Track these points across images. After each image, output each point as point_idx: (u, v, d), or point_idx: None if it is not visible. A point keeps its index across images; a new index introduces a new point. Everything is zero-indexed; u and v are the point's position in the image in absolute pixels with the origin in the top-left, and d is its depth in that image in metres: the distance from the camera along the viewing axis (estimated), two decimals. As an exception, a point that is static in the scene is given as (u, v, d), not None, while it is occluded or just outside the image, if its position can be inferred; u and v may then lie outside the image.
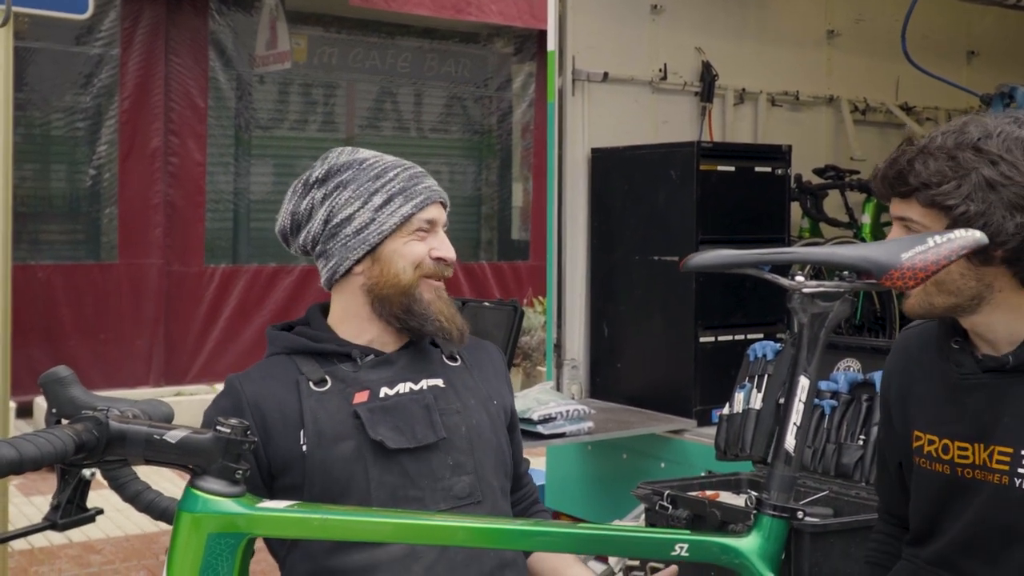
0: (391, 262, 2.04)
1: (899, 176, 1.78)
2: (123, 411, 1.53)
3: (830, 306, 1.52)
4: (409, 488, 1.97)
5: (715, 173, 4.61)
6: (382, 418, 1.97)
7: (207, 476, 1.50)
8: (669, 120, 5.24)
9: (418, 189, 2.07)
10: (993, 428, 1.78)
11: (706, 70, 5.29)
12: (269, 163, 9.70)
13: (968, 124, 1.78)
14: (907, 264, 1.51)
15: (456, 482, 2.00)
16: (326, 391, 2.00)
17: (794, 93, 5.70)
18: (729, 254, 1.55)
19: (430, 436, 1.99)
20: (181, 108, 8.93)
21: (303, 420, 1.97)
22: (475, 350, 2.19)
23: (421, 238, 2.06)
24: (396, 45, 10.25)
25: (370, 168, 2.08)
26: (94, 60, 8.63)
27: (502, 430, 2.12)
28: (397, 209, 2.04)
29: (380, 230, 2.04)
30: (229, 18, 9.25)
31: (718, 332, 4.57)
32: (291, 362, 2.04)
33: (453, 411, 2.04)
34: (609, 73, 4.94)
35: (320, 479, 1.95)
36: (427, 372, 2.07)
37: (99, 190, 8.78)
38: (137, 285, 8.74)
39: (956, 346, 1.85)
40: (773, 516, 1.51)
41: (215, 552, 1.47)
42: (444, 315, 2.05)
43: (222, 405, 2.01)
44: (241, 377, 2.05)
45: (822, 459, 2.93)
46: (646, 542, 1.53)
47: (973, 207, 1.70)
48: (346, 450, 1.96)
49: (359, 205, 2.05)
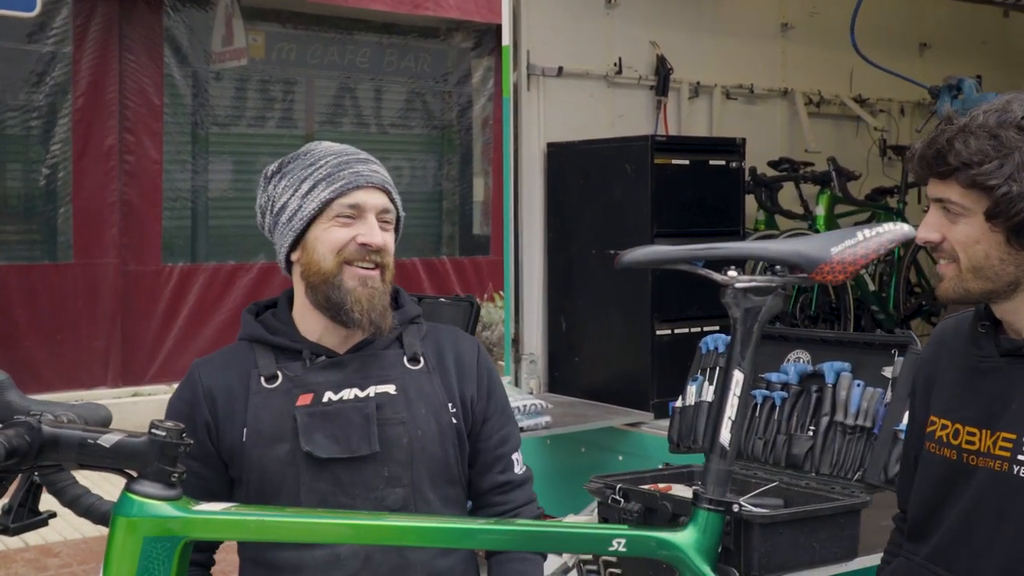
0: (315, 249, 2.03)
1: (938, 155, 1.73)
2: (57, 415, 1.52)
3: (763, 300, 1.53)
4: (340, 496, 1.96)
5: (670, 167, 4.62)
6: (320, 425, 1.97)
7: (143, 480, 1.48)
8: (625, 114, 5.25)
9: (342, 175, 2.04)
10: (1001, 414, 1.77)
11: (661, 64, 5.31)
12: (227, 160, 9.62)
13: (1012, 102, 1.74)
14: (837, 258, 1.52)
15: (389, 494, 1.99)
16: (274, 388, 2.00)
17: (748, 86, 5.73)
18: (662, 250, 1.55)
19: (364, 448, 1.98)
20: (136, 106, 8.83)
21: (246, 416, 1.98)
22: (444, 348, 2.13)
23: (344, 224, 2.03)
24: (355, 40, 10.20)
25: (308, 157, 2.08)
26: (46, 58, 8.52)
27: (452, 440, 2.07)
28: (318, 195, 2.03)
29: (302, 216, 2.03)
30: (184, 15, 9.15)
31: (674, 325, 4.59)
32: (251, 351, 2.05)
33: (397, 421, 2.01)
34: (564, 67, 4.94)
35: (256, 477, 1.97)
36: (380, 377, 2.04)
37: (54, 189, 8.67)
38: (93, 285, 8.64)
39: (983, 331, 1.83)
40: (709, 510, 1.51)
41: (151, 556, 1.46)
42: (360, 304, 2.01)
43: (182, 394, 2.05)
44: (202, 364, 2.08)
45: (772, 450, 2.94)
46: (584, 538, 1.54)
47: (1016, 187, 1.67)
48: (281, 452, 1.97)
49: (291, 193, 2.05)
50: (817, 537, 2.54)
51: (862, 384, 2.83)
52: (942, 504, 1.84)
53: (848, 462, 2.79)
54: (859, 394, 2.83)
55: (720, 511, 1.51)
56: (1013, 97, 1.76)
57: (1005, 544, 1.74)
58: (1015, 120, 1.71)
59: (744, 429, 2.95)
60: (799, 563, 2.52)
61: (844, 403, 2.84)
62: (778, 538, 2.47)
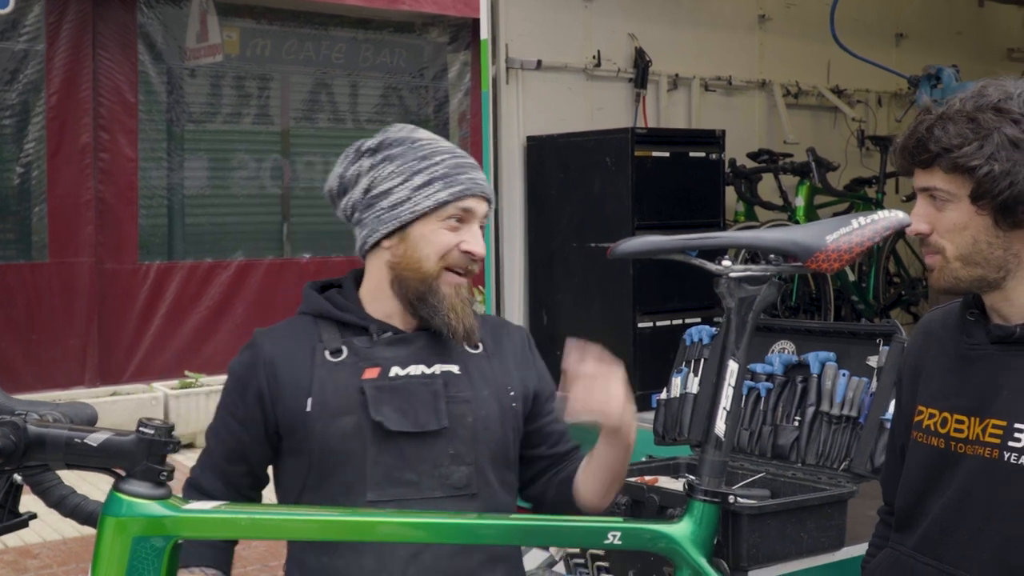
0: (417, 245, 2.02)
1: (919, 144, 1.75)
2: (43, 415, 1.50)
3: (757, 290, 1.52)
4: (405, 471, 1.97)
5: (650, 159, 4.63)
6: (387, 398, 1.98)
7: (131, 479, 1.46)
8: (604, 107, 5.25)
9: (460, 178, 2.04)
10: (991, 401, 1.77)
11: (639, 56, 5.31)
12: (203, 157, 9.55)
13: (987, 87, 1.75)
14: (832, 246, 1.51)
15: (454, 471, 2.00)
16: (339, 362, 2.01)
17: (727, 78, 5.74)
18: (655, 240, 1.54)
19: (432, 423, 1.99)
20: (111, 103, 8.76)
21: (311, 387, 1.98)
22: (500, 335, 2.16)
23: (452, 228, 2.03)
24: (330, 36, 10.15)
25: (420, 148, 2.07)
26: (19, 55, 8.43)
27: (511, 423, 2.09)
28: (434, 193, 2.02)
29: (413, 209, 2.02)
30: (158, 11, 9.08)
31: (656, 317, 4.59)
32: (315, 325, 2.07)
33: (462, 400, 2.03)
34: (543, 61, 4.94)
35: (319, 448, 1.98)
36: (443, 357, 2.05)
37: (28, 188, 8.59)
38: (69, 284, 8.57)
39: (971, 318, 1.83)
40: (705, 501, 1.51)
41: (140, 556, 1.44)
42: (456, 312, 2.02)
43: (243, 358, 2.07)
44: (266, 333, 2.09)
45: (759, 441, 2.94)
46: (579, 531, 1.53)
47: (998, 166, 1.68)
48: (347, 425, 1.97)
49: (400, 181, 2.04)
50: (804, 527, 2.55)
51: (847, 374, 2.84)
52: (930, 493, 1.84)
53: (834, 452, 2.79)
54: (844, 384, 2.83)
55: (716, 502, 1.50)
56: (987, 83, 1.78)
57: (995, 531, 1.74)
58: (991, 103, 1.72)
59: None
60: (787, 554, 2.52)
61: (829, 393, 2.84)
62: (766, 529, 2.47)
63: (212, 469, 2.08)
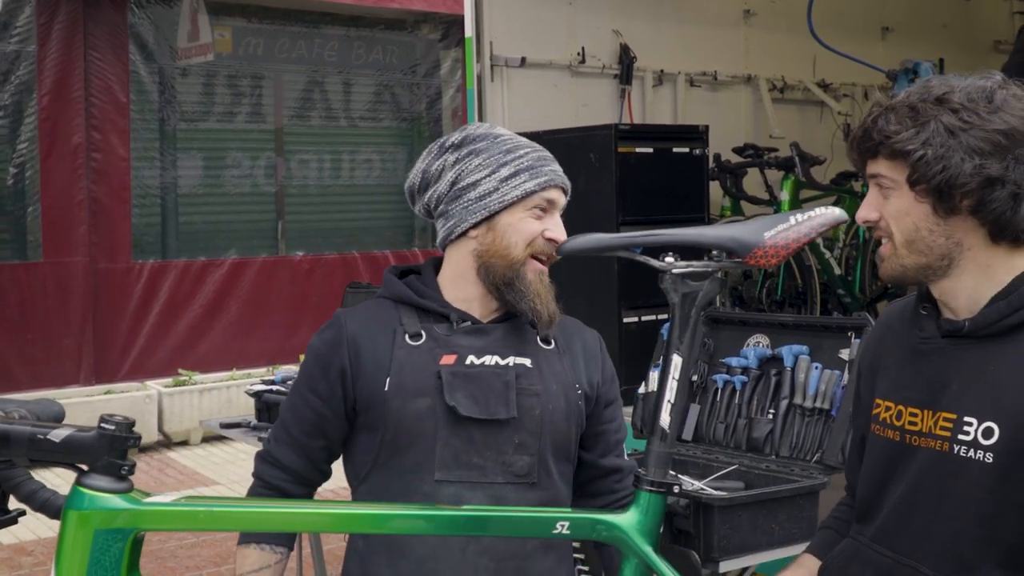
0: (505, 234, 2.12)
1: (865, 135, 1.80)
2: (8, 411, 1.53)
3: (700, 285, 1.56)
4: (472, 455, 2.05)
5: (633, 155, 4.65)
6: (462, 384, 2.06)
7: (93, 473, 1.50)
8: (589, 103, 5.27)
9: (544, 170, 2.15)
10: (942, 394, 1.79)
11: (624, 53, 5.33)
12: (196, 156, 9.58)
13: (931, 81, 1.80)
14: (770, 242, 1.54)
15: (517, 459, 2.07)
16: (418, 346, 2.09)
17: (712, 73, 5.76)
18: (601, 238, 1.58)
19: (502, 412, 2.06)
20: (102, 103, 8.79)
21: (391, 367, 2.07)
22: (572, 335, 2.24)
23: (537, 216, 2.13)
24: (322, 34, 10.17)
25: (503, 143, 2.17)
26: (10, 57, 8.47)
27: (575, 419, 2.16)
28: (521, 183, 2.12)
29: (502, 199, 2.11)
30: (149, 11, 9.11)
31: (641, 312, 4.62)
32: (395, 309, 2.16)
33: (532, 392, 2.11)
34: (527, 58, 4.97)
35: (393, 426, 2.06)
36: (517, 350, 2.13)
37: (21, 188, 8.62)
38: (63, 283, 8.60)
39: (924, 312, 1.86)
40: (650, 491, 1.54)
41: (102, 548, 1.48)
42: (541, 297, 2.11)
43: (326, 336, 2.15)
44: (347, 313, 2.17)
45: (734, 434, 2.98)
46: (529, 522, 1.56)
47: (931, 152, 1.71)
48: (422, 406, 2.05)
49: (487, 173, 2.13)
50: (776, 518, 2.58)
51: (820, 367, 2.87)
52: (887, 485, 1.87)
53: (807, 444, 2.83)
54: (817, 377, 2.86)
55: (662, 492, 1.53)
56: (934, 78, 1.83)
57: (945, 523, 1.77)
58: (934, 95, 1.77)
59: (690, 412, 2.99)
60: (758, 544, 2.56)
61: (803, 386, 2.88)
62: (737, 520, 2.51)
63: (290, 444, 2.15)
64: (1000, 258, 1.79)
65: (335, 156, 10.35)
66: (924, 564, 1.80)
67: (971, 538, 1.75)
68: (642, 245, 1.57)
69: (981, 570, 1.75)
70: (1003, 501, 1.72)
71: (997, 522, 1.73)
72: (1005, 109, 1.74)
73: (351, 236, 10.13)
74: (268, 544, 2.07)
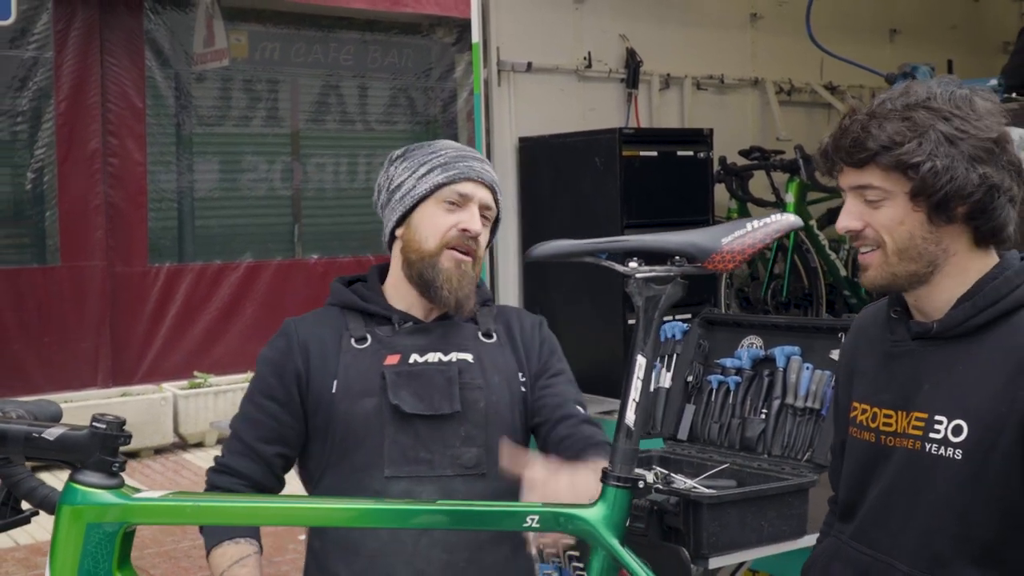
0: (419, 228, 2.21)
1: (856, 143, 1.79)
2: (6, 411, 1.60)
3: (662, 289, 1.61)
4: (420, 450, 2.12)
5: (638, 159, 4.69)
6: (406, 382, 2.13)
7: (85, 470, 1.57)
8: (596, 107, 5.31)
9: (458, 165, 2.22)
10: (914, 395, 1.83)
11: (631, 57, 5.37)
12: (212, 161, 9.68)
13: (911, 86, 1.81)
14: (727, 248, 1.60)
15: (465, 452, 2.14)
16: (363, 349, 2.17)
17: (719, 76, 5.79)
18: (566, 244, 1.64)
19: (446, 407, 2.13)
20: (119, 108, 8.90)
21: (337, 371, 2.14)
22: (512, 325, 2.31)
23: (450, 210, 2.20)
24: (338, 38, 10.25)
25: (430, 147, 2.28)
26: (28, 63, 8.59)
27: (520, 407, 2.23)
28: (432, 178, 2.20)
29: (413, 194, 2.21)
30: (164, 17, 9.22)
31: (645, 314, 4.66)
32: (342, 316, 2.24)
33: (475, 386, 2.17)
34: (533, 63, 5.00)
35: (342, 428, 2.13)
36: (459, 346, 2.20)
37: (40, 193, 8.74)
38: (80, 287, 8.72)
39: (895, 316, 1.90)
40: (617, 486, 1.59)
41: (94, 541, 1.55)
42: (451, 282, 2.17)
43: (278, 344, 2.23)
44: (297, 320, 2.26)
45: (728, 433, 3.02)
46: (500, 515, 1.62)
47: (939, 162, 1.72)
48: (369, 406, 2.12)
49: (408, 175, 2.24)
50: (765, 516, 2.61)
51: (811, 367, 2.91)
52: (866, 485, 1.91)
53: (798, 443, 2.87)
54: (808, 377, 2.90)
55: (627, 487, 1.59)
56: (910, 83, 1.84)
57: (919, 520, 1.81)
58: (920, 101, 1.78)
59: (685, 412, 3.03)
60: (748, 541, 2.58)
61: (794, 386, 2.92)
62: (726, 518, 2.54)
63: (244, 453, 2.18)
64: (976, 260, 1.83)
65: (351, 159, 10.43)
66: (901, 561, 1.84)
67: (946, 534, 1.79)
68: (607, 251, 1.63)
69: (956, 566, 1.79)
70: (974, 497, 1.76)
71: (970, 518, 1.77)
72: (987, 115, 1.78)
73: (366, 239, 10.21)
74: (242, 538, 2.09)
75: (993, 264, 1.83)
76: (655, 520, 2.38)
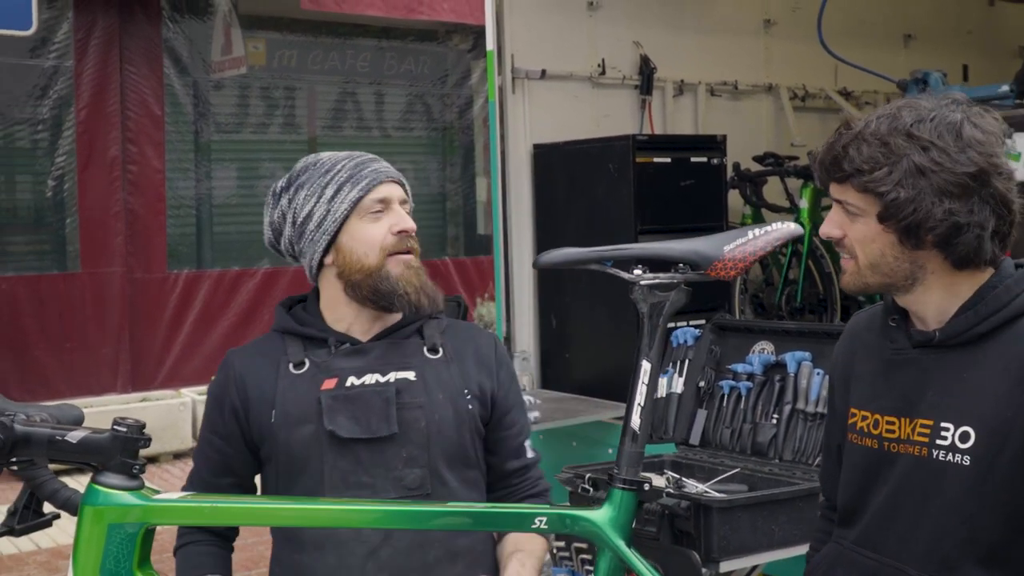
0: (353, 249, 2.16)
1: (835, 162, 1.84)
2: (30, 415, 1.64)
3: (667, 296, 1.65)
4: (361, 474, 2.09)
5: (651, 165, 4.72)
6: (342, 407, 2.10)
7: (107, 472, 1.61)
8: (610, 114, 5.34)
9: (364, 173, 2.19)
10: (918, 402, 1.85)
11: (644, 63, 5.40)
12: (230, 168, 9.76)
13: (902, 109, 1.82)
14: (728, 256, 1.63)
15: (408, 473, 2.11)
16: (301, 374, 2.14)
17: (733, 83, 5.81)
18: (572, 252, 1.67)
19: (383, 429, 2.10)
20: (138, 116, 8.98)
21: (275, 399, 2.13)
22: (464, 341, 2.26)
23: (376, 218, 2.18)
24: (355, 45, 10.31)
25: (321, 166, 2.21)
26: (49, 72, 8.68)
27: (469, 425, 2.19)
28: (346, 196, 2.17)
29: (334, 219, 2.17)
30: (183, 25, 9.30)
31: (660, 321, 4.68)
32: (282, 341, 2.21)
33: (415, 405, 2.13)
34: (548, 70, 5.04)
35: (283, 456, 2.12)
36: (399, 364, 2.16)
37: (60, 200, 8.83)
38: (100, 293, 8.80)
39: (893, 324, 1.92)
40: (623, 489, 1.62)
41: (115, 541, 1.59)
42: (412, 287, 2.16)
43: (219, 378, 2.21)
44: (237, 352, 2.24)
45: (739, 438, 3.05)
46: (509, 517, 1.65)
47: (903, 193, 1.75)
48: (306, 433, 2.11)
49: (315, 201, 2.18)
50: (776, 520, 2.64)
51: (821, 372, 2.93)
52: (868, 491, 1.93)
53: (809, 448, 2.89)
54: (819, 382, 2.93)
55: (633, 490, 1.62)
56: (904, 103, 1.85)
57: (927, 525, 1.83)
58: (904, 127, 1.79)
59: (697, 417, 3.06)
60: (758, 545, 2.62)
61: (805, 391, 2.94)
62: (736, 522, 2.57)
63: (200, 485, 2.21)
64: (962, 278, 1.85)
65: (368, 166, 10.47)
66: (909, 565, 1.87)
67: (954, 538, 1.82)
68: (612, 259, 1.66)
69: (963, 567, 1.82)
70: (982, 501, 1.79)
71: (977, 522, 1.80)
72: (972, 147, 1.77)
73: (383, 245, 10.23)
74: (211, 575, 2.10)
75: (987, 274, 1.85)
76: (667, 524, 2.42)
